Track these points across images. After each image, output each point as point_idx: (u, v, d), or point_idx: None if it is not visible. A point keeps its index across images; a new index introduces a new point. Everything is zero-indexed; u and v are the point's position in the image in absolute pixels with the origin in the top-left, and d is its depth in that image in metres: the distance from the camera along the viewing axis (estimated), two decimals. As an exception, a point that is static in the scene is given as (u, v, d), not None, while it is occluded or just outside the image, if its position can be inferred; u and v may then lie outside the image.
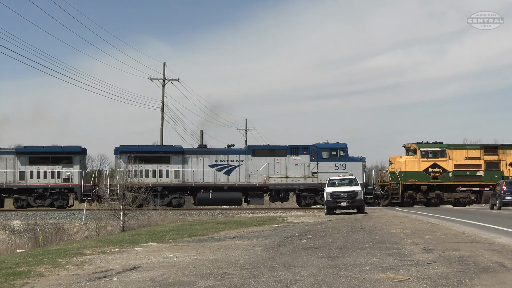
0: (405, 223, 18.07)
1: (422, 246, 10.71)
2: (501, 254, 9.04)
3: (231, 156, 34.99)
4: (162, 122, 46.13)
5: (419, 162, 36.78)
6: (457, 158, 36.94)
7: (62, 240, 25.28)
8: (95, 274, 8.58)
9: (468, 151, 37.10)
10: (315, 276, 7.50)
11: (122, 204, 25.41)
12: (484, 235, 12.48)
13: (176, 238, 15.54)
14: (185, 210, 33.48)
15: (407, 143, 38.06)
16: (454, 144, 37.87)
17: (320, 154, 34.90)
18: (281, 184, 34.69)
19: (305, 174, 34.76)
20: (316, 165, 34.75)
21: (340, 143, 35.55)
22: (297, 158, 34.94)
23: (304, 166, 34.84)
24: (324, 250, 10.63)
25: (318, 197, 34.80)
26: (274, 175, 34.68)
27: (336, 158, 34.91)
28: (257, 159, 34.75)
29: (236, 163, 34.78)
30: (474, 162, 36.91)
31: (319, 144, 35.51)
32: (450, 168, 36.73)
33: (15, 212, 32.34)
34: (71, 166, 34.10)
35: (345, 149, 35.22)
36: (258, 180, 34.62)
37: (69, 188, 34.08)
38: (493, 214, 23.63)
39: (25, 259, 11.08)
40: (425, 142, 37.51)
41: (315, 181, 34.72)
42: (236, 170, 34.68)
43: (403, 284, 6.75)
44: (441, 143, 37.49)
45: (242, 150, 35.96)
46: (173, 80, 47.33)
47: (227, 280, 7.39)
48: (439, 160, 36.78)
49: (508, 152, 37.26)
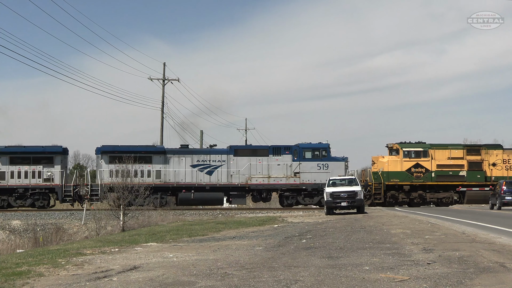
0: (405, 223, 18.07)
1: (422, 246, 10.70)
2: (501, 254, 9.04)
3: (213, 156, 34.92)
4: (162, 122, 46.16)
5: (401, 162, 36.61)
6: (440, 158, 36.80)
7: (62, 240, 25.27)
8: (95, 274, 8.58)
9: (450, 151, 36.94)
10: (315, 276, 7.50)
11: (122, 204, 25.38)
12: (484, 235, 12.48)
13: (176, 238, 15.54)
14: (185, 210, 33.45)
15: (390, 143, 37.87)
16: (436, 144, 37.66)
17: (302, 154, 34.82)
18: (263, 184, 34.63)
19: (287, 174, 34.69)
20: (298, 165, 34.68)
21: (323, 143, 35.55)
22: (279, 158, 34.88)
23: (286, 166, 34.77)
24: (324, 250, 10.63)
25: (300, 197, 34.80)
26: (256, 175, 34.64)
27: (319, 158, 34.83)
28: (239, 159, 34.67)
29: (218, 163, 34.69)
30: (457, 162, 36.75)
31: (301, 144, 35.53)
32: (432, 168, 36.56)
33: (15, 212, 32.34)
34: (52, 166, 33.96)
35: (328, 149, 35.16)
36: (240, 180, 34.54)
37: (50, 188, 33.97)
38: (493, 214, 23.62)
39: (25, 259, 11.07)
40: (408, 142, 37.34)
41: (297, 181, 34.65)
42: (218, 170, 34.60)
43: (403, 284, 6.75)
44: (424, 143, 37.34)
45: (224, 150, 35.85)
46: (173, 80, 47.34)
47: (227, 280, 7.39)
48: (421, 160, 36.62)
49: (491, 152, 37.11)
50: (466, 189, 36.65)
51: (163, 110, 46.41)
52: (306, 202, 35.02)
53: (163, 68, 47.50)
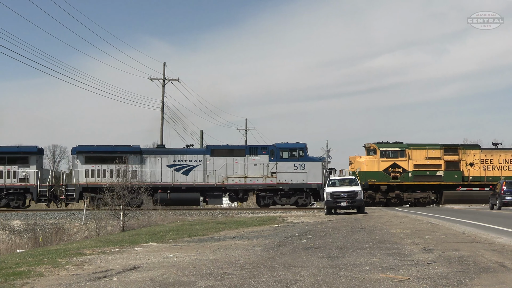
0: (405, 223, 18.07)
1: (422, 246, 10.70)
2: (501, 254, 9.04)
3: (189, 156, 34.79)
4: (162, 122, 46.16)
5: (378, 162, 36.50)
6: (417, 158, 36.69)
7: (62, 240, 25.27)
8: (95, 274, 8.58)
9: (428, 151, 36.82)
10: (315, 276, 7.50)
11: (122, 204, 25.38)
12: (484, 235, 12.48)
13: (176, 238, 15.54)
14: (185, 210, 33.44)
15: (367, 143, 37.74)
16: (414, 144, 37.55)
17: (279, 154, 34.70)
18: (239, 184, 34.49)
19: (264, 174, 34.58)
20: (275, 165, 34.53)
21: (300, 143, 35.48)
22: (256, 158, 34.76)
23: (263, 166, 34.67)
24: (324, 250, 10.63)
25: (277, 197, 34.72)
26: (233, 175, 34.50)
27: (295, 158, 34.70)
28: (215, 159, 34.54)
29: (195, 163, 34.58)
30: (434, 162, 36.64)
31: (278, 144, 35.49)
32: (410, 168, 36.44)
33: (15, 212, 32.35)
34: (27, 166, 33.82)
35: (304, 149, 35.05)
36: (216, 180, 34.40)
37: (25, 188, 33.83)
38: (493, 214, 23.62)
39: (25, 259, 11.07)
40: (385, 142, 37.24)
41: (273, 181, 34.51)
42: (194, 170, 34.47)
43: (403, 284, 6.75)
44: (401, 143, 37.24)
45: (200, 150, 35.81)
46: (173, 80, 47.36)
47: (227, 280, 7.39)
48: (398, 160, 36.50)
49: (469, 152, 37.02)
50: (467, 188, 36.63)
51: (163, 110, 46.47)
52: (283, 202, 34.90)
53: (163, 68, 47.55)
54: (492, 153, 37.36)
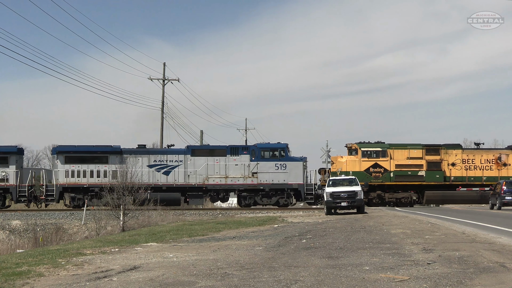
0: (405, 223, 18.07)
1: (422, 246, 10.70)
2: (501, 254, 9.04)
3: (170, 156, 34.69)
4: (162, 122, 46.22)
5: (360, 162, 36.31)
6: (399, 158, 36.52)
7: (62, 240, 25.27)
8: (95, 274, 8.58)
9: (409, 151, 36.64)
10: (315, 276, 7.50)
11: (122, 204, 25.39)
12: (484, 235, 12.47)
13: (176, 238, 15.54)
14: (185, 210, 33.42)
15: (349, 143, 37.51)
16: (395, 144, 37.35)
17: (260, 154, 34.59)
18: (220, 185, 34.43)
19: (245, 174, 34.50)
20: (256, 165, 34.45)
21: (281, 143, 35.46)
22: (237, 158, 34.66)
23: (244, 166, 34.58)
24: (324, 250, 10.63)
25: (258, 197, 34.66)
26: (214, 175, 34.43)
27: (276, 158, 34.61)
28: (196, 159, 34.47)
29: (175, 163, 34.49)
30: (416, 162, 36.47)
31: (259, 144, 35.44)
32: (391, 168, 36.28)
33: (15, 212, 32.34)
34: (6, 166, 33.68)
35: (285, 149, 34.97)
36: (197, 180, 34.33)
37: (4, 188, 33.72)
38: (493, 214, 23.61)
39: (25, 259, 11.07)
40: (367, 142, 37.09)
41: (254, 181, 34.45)
42: (175, 170, 34.38)
43: (403, 284, 6.75)
44: (383, 143, 37.12)
45: (181, 150, 35.59)
46: (173, 80, 47.40)
47: (227, 280, 7.39)
48: (380, 160, 36.34)
49: (450, 152, 36.86)
50: (467, 189, 36.55)
51: (163, 110, 46.49)
52: (264, 202, 34.83)
53: (163, 68, 47.59)
54: (474, 153, 37.21)
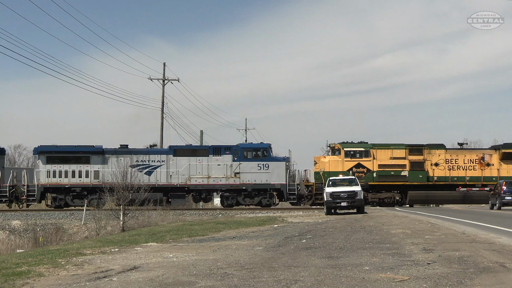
0: (405, 223, 18.07)
1: (422, 246, 10.70)
2: (501, 254, 9.04)
3: (152, 156, 34.63)
4: (162, 122, 46.24)
5: (343, 162, 36.26)
6: (382, 158, 36.49)
7: (62, 240, 25.27)
8: (95, 274, 8.58)
9: (392, 151, 36.59)
10: (315, 276, 7.50)
11: (122, 204, 25.38)
12: (484, 235, 12.47)
13: (176, 238, 15.54)
14: (185, 210, 33.41)
15: (332, 143, 37.52)
16: (378, 144, 37.30)
17: (242, 154, 34.54)
18: (202, 185, 34.41)
19: (228, 174, 34.46)
20: (239, 165, 34.43)
21: (264, 143, 35.49)
22: (219, 158, 34.61)
23: (226, 166, 34.52)
24: (324, 250, 10.63)
25: (241, 198, 34.64)
26: (196, 176, 34.38)
27: (259, 158, 34.57)
28: (178, 159, 34.42)
29: (157, 163, 34.43)
30: (399, 162, 36.44)
31: (241, 144, 35.50)
32: (374, 168, 36.24)
33: (15, 212, 32.33)
34: None
35: (268, 149, 34.95)
36: (179, 180, 34.28)
37: None
38: (493, 214, 23.61)
39: (25, 259, 11.07)
40: (350, 142, 37.02)
41: (237, 181, 34.44)
42: (157, 170, 34.34)
43: (403, 284, 6.75)
44: (366, 142, 37.07)
45: (163, 150, 35.63)
46: (173, 80, 47.42)
47: (227, 280, 7.39)
48: (363, 160, 36.30)
49: (433, 152, 36.83)
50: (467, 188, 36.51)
51: (163, 110, 46.49)
52: (247, 202, 34.84)
53: (163, 68, 47.59)
54: (457, 153, 37.18)
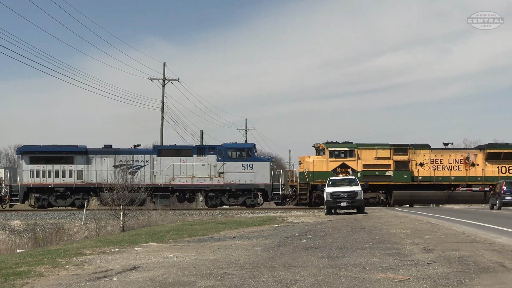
0: (405, 223, 18.07)
1: (422, 246, 10.70)
2: (501, 254, 9.04)
3: (136, 156, 34.58)
4: (162, 122, 46.23)
5: (327, 162, 36.13)
6: (366, 158, 36.37)
7: (62, 240, 25.28)
8: (95, 274, 8.58)
9: (377, 151, 36.48)
10: (315, 276, 7.50)
11: (122, 204, 25.39)
12: (484, 235, 12.47)
13: (176, 238, 15.54)
14: (185, 210, 33.41)
15: (317, 143, 37.32)
16: (363, 144, 37.21)
17: (226, 154, 34.49)
18: (186, 185, 34.37)
19: (212, 174, 34.40)
20: (223, 165, 34.35)
21: (248, 143, 35.63)
22: (203, 158, 34.56)
23: (210, 166, 34.48)
24: (324, 250, 10.63)
25: (225, 198, 34.62)
26: (180, 176, 34.34)
27: (243, 158, 34.51)
28: (162, 159, 34.37)
29: (141, 164, 34.40)
30: (384, 162, 36.34)
31: (225, 144, 35.39)
32: (359, 168, 36.10)
33: (15, 212, 32.33)
34: None
35: (252, 150, 34.90)
36: (163, 180, 34.25)
37: None
38: (493, 214, 23.61)
39: (25, 259, 11.07)
40: (334, 142, 36.92)
41: (221, 181, 34.38)
42: (141, 170, 34.28)
43: (403, 284, 6.75)
44: (351, 142, 36.99)
45: (147, 150, 35.62)
46: (173, 80, 47.41)
47: (227, 280, 7.39)
48: (347, 160, 36.17)
49: (418, 152, 36.70)
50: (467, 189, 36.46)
51: (163, 110, 46.49)
52: (231, 202, 34.80)
53: (163, 68, 47.59)
54: (442, 153, 37.08)
